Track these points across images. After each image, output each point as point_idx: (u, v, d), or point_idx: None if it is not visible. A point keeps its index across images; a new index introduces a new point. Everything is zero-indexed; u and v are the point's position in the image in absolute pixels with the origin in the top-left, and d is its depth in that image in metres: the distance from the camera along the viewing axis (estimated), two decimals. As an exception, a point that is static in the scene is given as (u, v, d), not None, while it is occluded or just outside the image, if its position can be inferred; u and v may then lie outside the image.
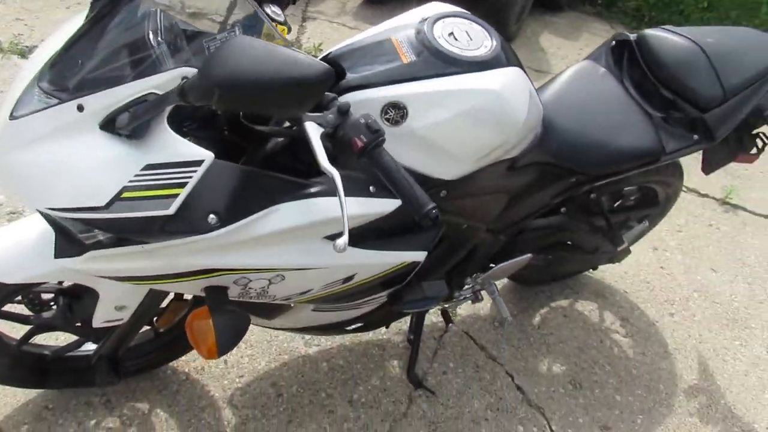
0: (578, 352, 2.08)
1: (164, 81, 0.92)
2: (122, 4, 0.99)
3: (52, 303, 1.45)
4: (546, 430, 1.81)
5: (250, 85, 0.80)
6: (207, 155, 0.94)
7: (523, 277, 2.15)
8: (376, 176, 1.15)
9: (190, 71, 0.91)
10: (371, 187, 1.16)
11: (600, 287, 2.35)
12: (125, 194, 0.92)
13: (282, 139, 1.16)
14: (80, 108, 0.94)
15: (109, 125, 0.94)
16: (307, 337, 1.94)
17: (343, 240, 0.92)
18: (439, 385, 1.88)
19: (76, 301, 1.41)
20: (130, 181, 0.92)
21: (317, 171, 1.10)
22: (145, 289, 1.30)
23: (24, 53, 3.07)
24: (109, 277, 1.07)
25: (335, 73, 0.98)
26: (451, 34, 1.23)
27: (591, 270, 2.31)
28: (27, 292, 1.37)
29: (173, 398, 1.70)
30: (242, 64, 0.79)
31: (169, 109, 0.94)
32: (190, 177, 0.93)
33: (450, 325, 1.99)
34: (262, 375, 1.81)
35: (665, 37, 1.64)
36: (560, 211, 1.72)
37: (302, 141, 1.14)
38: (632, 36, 1.71)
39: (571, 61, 1.54)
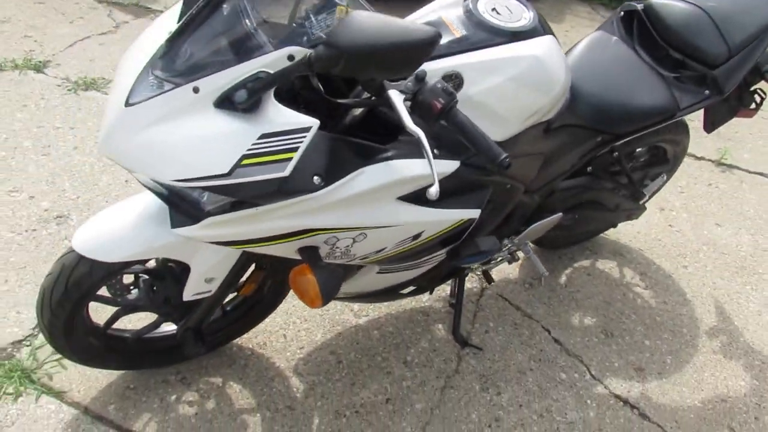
0: (605, 305, 2.24)
1: (272, 60, 1.04)
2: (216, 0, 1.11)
3: (131, 287, 1.57)
4: (586, 375, 1.96)
5: (371, 50, 0.93)
6: (314, 122, 1.07)
7: (548, 240, 2.30)
8: (438, 140, 1.30)
9: (296, 50, 1.04)
10: (435, 150, 1.29)
11: (617, 247, 2.51)
12: (245, 161, 1.04)
13: (357, 113, 1.29)
14: (196, 90, 1.06)
15: (223, 103, 1.06)
16: (356, 308, 2.07)
17: (435, 188, 1.06)
18: (482, 342, 2.02)
19: (159, 281, 1.53)
20: (248, 150, 1.04)
21: (388, 139, 1.25)
22: (233, 260, 1.43)
23: (39, 68, 3.16)
24: (219, 243, 1.19)
25: None
26: (494, 9, 1.38)
27: (611, 229, 2.47)
28: (117, 274, 1.49)
29: (243, 371, 1.82)
30: (364, 33, 0.92)
31: (275, 85, 1.07)
32: (301, 142, 1.06)
33: (491, 283, 2.12)
34: (320, 345, 1.94)
35: (670, 4, 1.80)
36: (587, 171, 1.87)
37: (375, 113, 1.28)
38: (639, 6, 1.86)
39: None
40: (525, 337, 2.07)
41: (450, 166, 1.32)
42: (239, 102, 1.04)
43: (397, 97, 1.10)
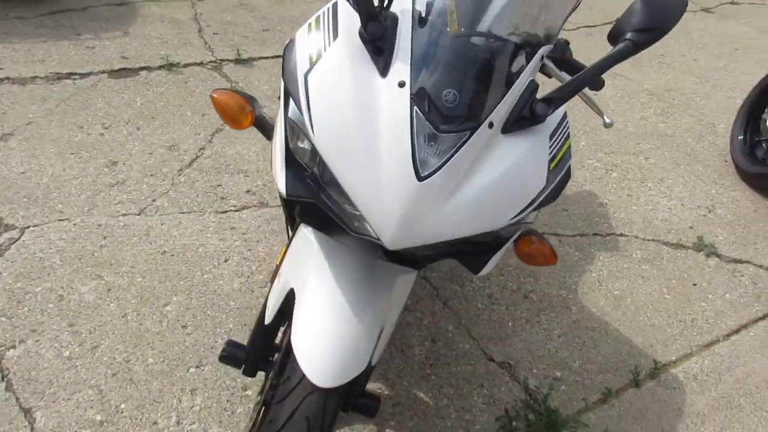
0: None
1: (535, 66, 1.06)
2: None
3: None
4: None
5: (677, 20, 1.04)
6: (565, 107, 1.15)
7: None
8: None
9: (546, 49, 1.08)
10: None
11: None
12: (551, 166, 1.08)
13: None
14: (491, 125, 1.00)
15: (509, 126, 1.04)
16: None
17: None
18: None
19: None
20: (550, 154, 1.08)
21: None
22: None
23: None
24: None
25: None
26: None
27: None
28: None
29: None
30: (667, 8, 1.03)
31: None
32: (568, 126, 1.14)
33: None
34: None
35: None
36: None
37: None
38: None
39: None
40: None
41: None
42: (545, 114, 1.05)
43: None
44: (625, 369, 1.99)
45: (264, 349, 1.37)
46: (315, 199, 1.04)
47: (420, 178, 0.95)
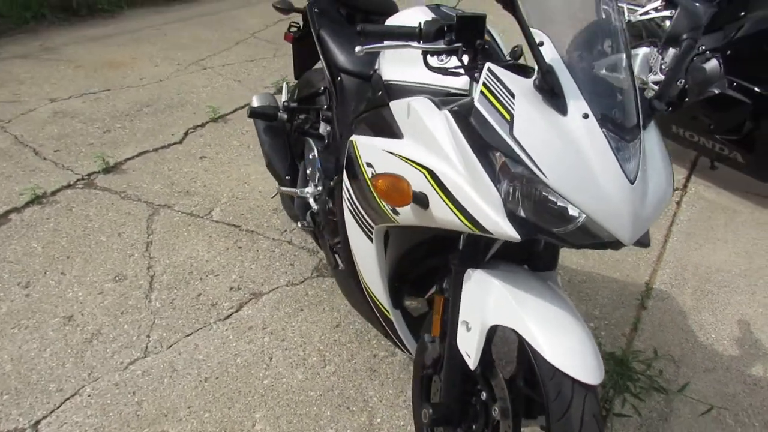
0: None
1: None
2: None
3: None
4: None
5: None
6: None
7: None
8: None
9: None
10: None
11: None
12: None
13: None
14: (642, 126, 1.24)
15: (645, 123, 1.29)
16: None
17: None
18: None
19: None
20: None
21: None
22: None
23: None
24: None
25: None
26: None
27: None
28: None
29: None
30: None
31: None
32: None
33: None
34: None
35: None
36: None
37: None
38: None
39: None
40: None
41: None
42: (661, 109, 1.31)
43: None
44: (629, 299, 2.40)
45: (464, 395, 1.45)
46: (542, 232, 1.19)
47: (631, 182, 1.17)
